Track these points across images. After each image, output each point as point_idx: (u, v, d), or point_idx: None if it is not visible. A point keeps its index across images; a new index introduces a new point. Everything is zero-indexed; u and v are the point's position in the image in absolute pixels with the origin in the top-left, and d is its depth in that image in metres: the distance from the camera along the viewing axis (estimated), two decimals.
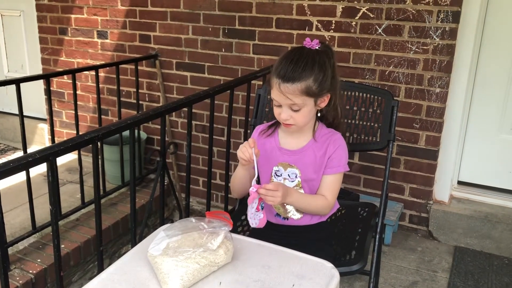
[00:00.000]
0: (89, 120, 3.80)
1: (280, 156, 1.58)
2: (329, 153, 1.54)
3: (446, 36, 2.56)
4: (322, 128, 1.58)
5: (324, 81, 1.45)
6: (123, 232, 2.99)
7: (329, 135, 1.57)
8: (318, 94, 1.45)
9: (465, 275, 2.50)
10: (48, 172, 1.45)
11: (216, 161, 3.28)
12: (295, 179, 1.57)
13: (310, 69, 1.42)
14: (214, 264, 1.27)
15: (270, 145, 1.60)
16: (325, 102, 1.51)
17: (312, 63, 1.43)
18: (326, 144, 1.55)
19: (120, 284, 1.24)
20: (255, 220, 1.42)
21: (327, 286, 1.25)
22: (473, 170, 2.91)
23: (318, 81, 1.43)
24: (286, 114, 1.47)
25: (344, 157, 1.56)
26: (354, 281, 2.46)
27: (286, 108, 1.46)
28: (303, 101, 1.44)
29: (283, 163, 1.58)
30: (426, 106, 2.70)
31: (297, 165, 1.56)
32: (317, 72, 1.43)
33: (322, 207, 1.56)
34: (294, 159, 1.56)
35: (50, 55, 3.83)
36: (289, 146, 1.58)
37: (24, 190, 2.65)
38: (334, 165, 1.54)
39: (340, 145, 1.56)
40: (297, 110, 1.46)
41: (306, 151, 1.55)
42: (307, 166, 1.55)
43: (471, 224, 2.74)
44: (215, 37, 3.14)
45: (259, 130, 1.65)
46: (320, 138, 1.56)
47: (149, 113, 1.86)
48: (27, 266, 2.44)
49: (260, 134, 1.64)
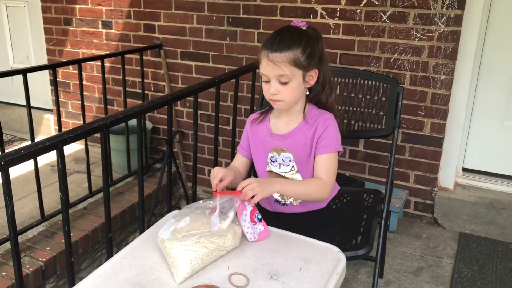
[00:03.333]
0: (95, 110, 3.82)
1: (272, 141, 1.58)
2: (318, 133, 1.52)
3: (451, 22, 2.55)
4: (313, 109, 1.57)
5: (312, 54, 1.45)
6: (130, 221, 3.02)
7: (319, 115, 1.55)
8: (306, 67, 1.45)
9: (470, 261, 2.52)
10: (58, 159, 1.47)
11: (222, 150, 3.30)
12: (289, 163, 1.56)
13: (298, 40, 1.44)
14: (222, 248, 1.29)
15: (263, 132, 1.60)
16: (314, 79, 1.50)
17: (300, 36, 1.45)
18: (316, 124, 1.52)
19: (130, 268, 1.27)
20: (253, 234, 1.37)
21: (334, 269, 1.27)
22: (478, 157, 2.91)
23: (306, 53, 1.44)
24: (274, 88, 1.46)
25: (335, 137, 1.53)
26: (359, 267, 2.48)
27: (274, 81, 1.46)
28: (291, 71, 1.43)
29: (276, 148, 1.57)
30: (431, 93, 2.70)
31: (289, 149, 1.55)
32: (305, 45, 1.44)
33: (318, 189, 1.49)
34: (286, 143, 1.55)
35: (55, 46, 3.84)
36: (279, 131, 1.57)
37: (31, 180, 2.68)
38: (325, 145, 1.51)
39: (330, 124, 1.52)
40: (286, 83, 1.45)
41: (297, 134, 1.54)
42: (299, 148, 1.54)
43: (476, 211, 2.75)
44: (220, 26, 3.14)
45: (251, 119, 1.65)
46: (310, 119, 1.54)
47: (155, 101, 1.88)
48: (36, 254, 2.47)
49: (252, 123, 1.64)
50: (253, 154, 1.63)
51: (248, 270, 1.25)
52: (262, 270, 1.26)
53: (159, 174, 3.44)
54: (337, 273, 1.26)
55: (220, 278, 1.22)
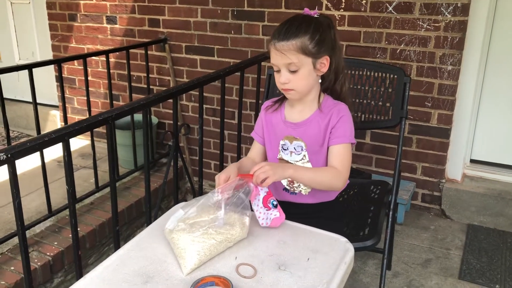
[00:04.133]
0: (100, 105, 3.82)
1: (285, 129, 1.56)
2: (332, 123, 1.50)
3: (458, 12, 2.52)
4: (328, 100, 1.55)
5: (321, 41, 1.43)
6: (137, 215, 3.02)
7: (334, 105, 1.53)
8: (315, 54, 1.43)
9: (478, 252, 2.50)
10: (64, 152, 1.46)
11: (227, 144, 3.29)
12: (301, 151, 1.55)
13: (306, 27, 1.42)
14: (230, 240, 1.29)
15: (276, 120, 1.59)
16: (326, 66, 1.47)
17: (308, 24, 1.43)
18: (330, 114, 1.51)
19: (137, 260, 1.26)
20: (265, 220, 1.36)
21: (342, 259, 1.26)
22: (485, 148, 2.89)
23: (315, 41, 1.42)
24: (284, 77, 1.45)
25: (349, 128, 1.51)
26: (367, 259, 2.47)
27: (284, 70, 1.45)
28: (299, 59, 1.42)
29: (288, 136, 1.56)
30: (438, 84, 2.67)
31: (302, 138, 1.54)
32: (313, 32, 1.42)
33: (332, 177, 1.47)
34: (299, 131, 1.54)
35: (60, 42, 3.85)
36: (293, 119, 1.56)
37: (38, 175, 2.69)
38: (339, 135, 1.49)
39: (344, 115, 1.51)
40: (295, 71, 1.44)
41: (310, 123, 1.53)
42: (312, 138, 1.53)
43: (484, 202, 2.73)
44: (224, 20, 3.13)
45: (266, 106, 1.65)
46: (325, 108, 1.52)
47: (161, 94, 1.87)
48: (44, 248, 2.48)
49: (267, 109, 1.63)
50: (266, 140, 1.63)
51: (256, 261, 1.25)
52: (269, 261, 1.25)
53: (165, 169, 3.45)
54: (345, 263, 1.25)
55: (227, 269, 1.22)
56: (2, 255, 2.40)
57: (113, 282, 1.17)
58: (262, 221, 1.37)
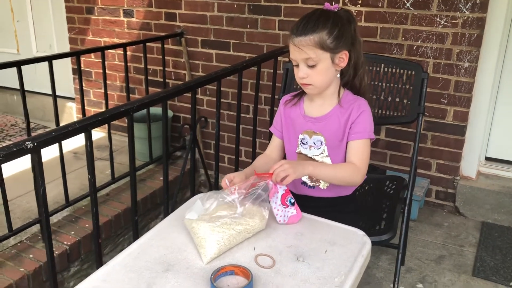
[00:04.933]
0: (116, 98, 3.86)
1: (304, 124, 1.58)
2: (352, 118, 1.51)
3: (477, 8, 2.51)
4: (348, 95, 1.56)
5: (339, 36, 1.43)
6: (151, 207, 3.06)
7: (354, 100, 1.54)
8: (333, 49, 1.44)
9: (492, 250, 2.50)
10: (87, 141, 1.50)
11: (242, 138, 3.31)
12: (320, 146, 1.56)
13: (324, 22, 1.43)
14: (249, 231, 1.31)
15: (295, 114, 1.60)
16: (344, 61, 1.48)
17: (326, 18, 1.44)
18: (350, 109, 1.51)
19: (158, 248, 1.29)
20: (283, 217, 1.37)
21: (359, 252, 1.28)
22: (501, 146, 2.88)
23: (333, 36, 1.42)
24: (302, 71, 1.46)
25: (369, 123, 1.52)
26: (380, 254, 2.48)
27: (302, 65, 1.46)
28: (317, 54, 1.43)
29: (308, 130, 1.57)
30: (455, 81, 2.66)
31: (321, 132, 1.55)
32: (331, 27, 1.42)
33: (351, 173, 1.48)
34: (319, 126, 1.55)
35: (77, 35, 3.89)
36: (313, 114, 1.57)
37: (54, 166, 2.73)
38: (359, 130, 1.50)
39: (365, 111, 1.51)
40: (313, 66, 1.45)
41: (331, 118, 1.54)
42: (332, 132, 1.54)
43: (499, 200, 2.72)
44: (241, 14, 3.14)
45: (284, 100, 1.66)
46: (345, 103, 1.53)
47: (180, 87, 1.90)
48: (62, 238, 2.52)
49: (286, 104, 1.64)
50: (284, 134, 1.64)
51: (274, 252, 1.27)
52: (287, 252, 1.27)
53: (179, 162, 3.49)
54: (362, 256, 1.27)
55: (246, 259, 1.24)
56: (21, 243, 2.45)
57: (134, 269, 1.20)
58: (280, 218, 1.38)
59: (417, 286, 2.25)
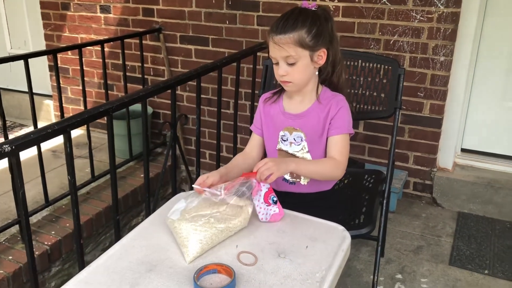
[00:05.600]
0: (94, 95, 3.82)
1: (284, 120, 1.60)
2: (331, 114, 1.54)
3: (451, 4, 2.56)
4: (326, 91, 1.59)
5: (318, 34, 1.46)
6: (132, 205, 3.05)
7: (332, 96, 1.57)
8: (312, 47, 1.46)
9: (468, 239, 2.57)
10: (66, 143, 1.49)
11: (222, 134, 3.30)
12: (300, 142, 1.59)
13: (303, 21, 1.45)
14: (231, 229, 1.32)
15: (275, 111, 1.63)
16: (323, 59, 1.51)
17: (305, 17, 1.46)
18: (329, 106, 1.55)
19: (140, 249, 1.29)
20: (265, 215, 1.39)
21: (339, 247, 1.31)
22: (476, 137, 2.95)
23: (312, 34, 1.45)
24: (282, 69, 1.49)
25: (347, 119, 1.56)
26: (360, 246, 2.53)
27: (282, 63, 1.48)
28: (296, 52, 1.45)
29: (288, 127, 1.60)
30: (431, 74, 2.71)
31: (301, 129, 1.58)
32: (310, 25, 1.45)
33: (333, 168, 1.52)
34: (299, 122, 1.58)
35: (53, 31, 3.83)
36: (293, 110, 1.60)
37: (33, 165, 2.69)
38: (338, 126, 1.54)
39: (343, 106, 1.55)
40: (293, 64, 1.47)
41: (310, 114, 1.57)
42: (312, 128, 1.57)
43: (474, 190, 2.80)
44: (219, 9, 3.13)
45: (264, 98, 1.68)
46: (323, 100, 1.56)
47: (159, 85, 1.89)
48: (42, 238, 2.50)
49: (265, 102, 1.66)
50: (264, 132, 1.66)
51: (256, 249, 1.28)
52: (269, 249, 1.29)
53: (160, 159, 3.48)
54: (342, 250, 1.29)
55: (229, 257, 1.25)
56: (0, 245, 2.42)
57: (117, 270, 1.20)
58: (262, 216, 1.40)
59: (397, 276, 2.31)
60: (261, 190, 1.40)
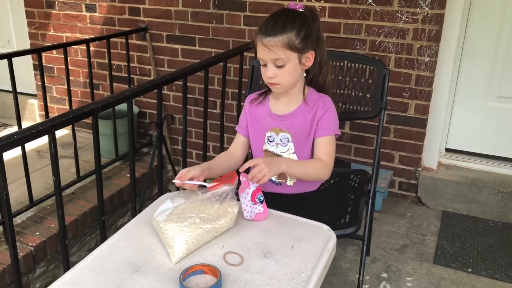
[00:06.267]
0: (80, 95, 3.78)
1: (271, 121, 1.61)
2: (318, 116, 1.56)
3: (435, 5, 2.58)
4: (312, 93, 1.61)
5: (306, 37, 1.47)
6: (118, 205, 3.03)
7: (319, 98, 1.59)
8: (301, 50, 1.47)
9: (452, 238, 2.60)
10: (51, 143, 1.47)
11: (209, 133, 3.30)
12: (287, 143, 1.60)
13: (292, 23, 1.46)
14: (217, 229, 1.32)
15: (261, 112, 1.63)
16: (311, 61, 1.52)
17: (293, 19, 1.47)
18: (316, 107, 1.56)
19: (126, 250, 1.29)
20: (249, 213, 1.40)
21: (325, 247, 1.32)
22: (460, 137, 2.99)
23: (301, 36, 1.46)
24: (270, 71, 1.49)
25: (334, 120, 1.58)
26: (346, 245, 2.55)
27: (271, 65, 1.49)
28: (286, 55, 1.46)
29: (274, 128, 1.60)
30: (416, 75, 2.74)
31: (288, 130, 1.58)
32: (299, 28, 1.46)
33: (320, 169, 1.54)
34: (285, 123, 1.59)
35: (37, 30, 3.78)
36: (279, 111, 1.60)
37: (17, 165, 2.66)
38: (325, 127, 1.56)
39: (330, 108, 1.57)
40: (281, 66, 1.48)
41: (297, 115, 1.58)
42: (298, 129, 1.58)
43: (458, 190, 2.83)
44: (206, 9, 3.13)
45: (250, 99, 1.68)
46: (310, 101, 1.58)
47: (145, 85, 1.88)
48: (26, 239, 2.47)
49: (251, 102, 1.67)
50: (250, 133, 1.66)
51: (242, 249, 1.29)
52: (255, 249, 1.29)
53: (146, 158, 3.46)
54: (328, 250, 1.30)
55: (215, 257, 1.25)
56: None
57: (103, 271, 1.20)
58: (247, 214, 1.41)
59: (382, 275, 2.33)
60: (249, 188, 1.40)
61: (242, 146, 1.69)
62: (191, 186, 1.42)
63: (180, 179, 1.41)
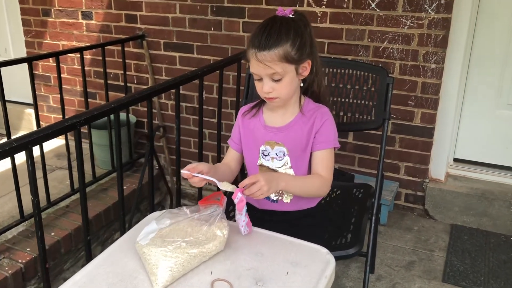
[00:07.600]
0: (77, 104, 3.71)
1: (266, 134, 1.51)
2: (316, 128, 1.46)
3: (442, 9, 2.48)
4: (309, 103, 1.51)
5: (302, 46, 1.38)
6: (115, 218, 2.93)
7: (316, 108, 1.49)
8: (298, 61, 1.38)
9: (462, 254, 2.47)
10: (28, 160, 1.38)
11: (208, 143, 3.22)
12: (283, 157, 1.50)
13: (286, 34, 1.35)
14: (205, 254, 1.22)
15: (255, 125, 1.53)
16: (307, 70, 1.43)
17: (287, 29, 1.37)
18: (313, 118, 1.47)
19: (107, 276, 1.19)
20: (244, 228, 1.34)
21: (322, 272, 1.21)
22: (469, 147, 2.86)
23: (296, 46, 1.36)
24: (268, 86, 1.39)
25: (333, 132, 1.48)
26: (350, 262, 2.43)
27: (267, 80, 1.39)
28: (283, 68, 1.36)
29: (269, 141, 1.50)
30: (421, 82, 2.63)
31: (284, 143, 1.49)
32: (293, 37, 1.36)
33: (320, 186, 1.45)
34: (281, 136, 1.49)
35: (34, 38, 3.72)
36: (274, 124, 1.51)
37: (9, 178, 2.58)
38: (324, 140, 1.46)
39: (328, 119, 1.47)
40: (279, 80, 1.38)
41: (293, 127, 1.48)
42: (295, 142, 1.48)
43: (468, 202, 2.71)
44: (204, 16, 3.04)
45: (243, 111, 1.59)
46: (307, 112, 1.48)
47: (134, 96, 1.79)
48: (16, 255, 2.38)
49: (244, 115, 1.57)
50: (244, 147, 1.56)
51: (232, 276, 1.19)
52: (246, 276, 1.19)
53: None
54: (326, 277, 1.20)
55: (202, 285, 1.16)
56: None
57: None
58: (244, 229, 1.34)
59: None
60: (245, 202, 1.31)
61: (235, 160, 1.60)
62: (199, 181, 1.35)
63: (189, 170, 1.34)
